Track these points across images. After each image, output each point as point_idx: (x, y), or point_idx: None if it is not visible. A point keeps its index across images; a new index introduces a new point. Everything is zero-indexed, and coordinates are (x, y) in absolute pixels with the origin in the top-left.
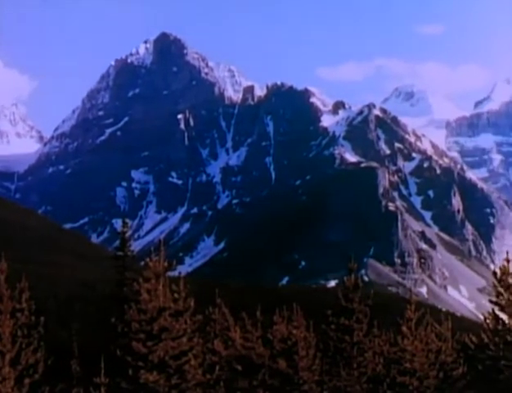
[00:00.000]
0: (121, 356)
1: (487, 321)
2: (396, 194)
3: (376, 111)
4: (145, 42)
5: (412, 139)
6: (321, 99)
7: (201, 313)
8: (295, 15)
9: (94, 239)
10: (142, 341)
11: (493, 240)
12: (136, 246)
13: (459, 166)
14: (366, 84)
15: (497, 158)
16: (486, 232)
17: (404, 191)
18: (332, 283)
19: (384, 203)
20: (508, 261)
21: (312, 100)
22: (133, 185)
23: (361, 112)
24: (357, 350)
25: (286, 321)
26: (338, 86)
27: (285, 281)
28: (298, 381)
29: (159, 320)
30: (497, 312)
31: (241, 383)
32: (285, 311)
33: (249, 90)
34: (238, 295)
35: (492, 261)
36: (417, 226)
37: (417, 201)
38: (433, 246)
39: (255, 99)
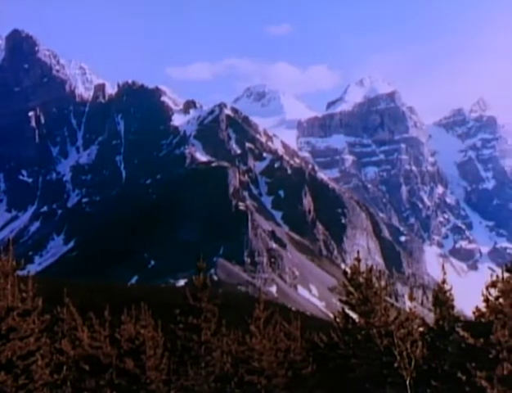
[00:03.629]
0: None
1: (337, 320)
2: (246, 194)
3: (227, 111)
4: None
5: (263, 139)
6: (172, 98)
7: (49, 312)
8: (144, 13)
9: None
10: None
11: (344, 240)
12: None
13: (310, 166)
14: (217, 84)
15: (349, 159)
16: (337, 232)
17: (254, 191)
18: (181, 282)
19: (234, 202)
20: (358, 260)
21: (163, 99)
22: None
23: (212, 112)
24: (205, 349)
25: (134, 320)
26: (188, 85)
27: (134, 280)
28: (145, 380)
29: (7, 320)
30: (347, 311)
31: (88, 383)
32: (133, 310)
33: (100, 88)
34: (87, 294)
35: (343, 261)
36: (267, 225)
37: (268, 200)
38: (283, 246)
39: (106, 97)
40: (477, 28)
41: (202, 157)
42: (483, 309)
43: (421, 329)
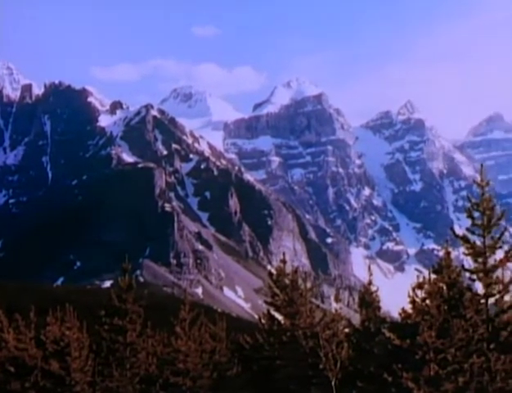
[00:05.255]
0: None
1: (263, 321)
2: (172, 195)
3: (154, 112)
4: None
5: (190, 140)
6: (99, 99)
7: None
8: (68, 12)
9: None
10: None
11: (270, 241)
12: None
13: (237, 168)
14: (143, 85)
15: (276, 160)
16: (263, 234)
17: (181, 192)
18: (107, 284)
19: (160, 204)
20: (284, 262)
21: (90, 99)
22: None
23: (138, 113)
24: (130, 351)
25: (60, 322)
26: (114, 86)
27: (60, 281)
28: (70, 382)
29: None
30: (273, 312)
31: (14, 385)
32: (58, 312)
33: (27, 88)
34: (13, 295)
35: (269, 262)
36: (193, 227)
37: (194, 202)
38: (209, 247)
39: (33, 98)
40: (404, 32)
41: (128, 158)
42: (410, 311)
43: (347, 330)
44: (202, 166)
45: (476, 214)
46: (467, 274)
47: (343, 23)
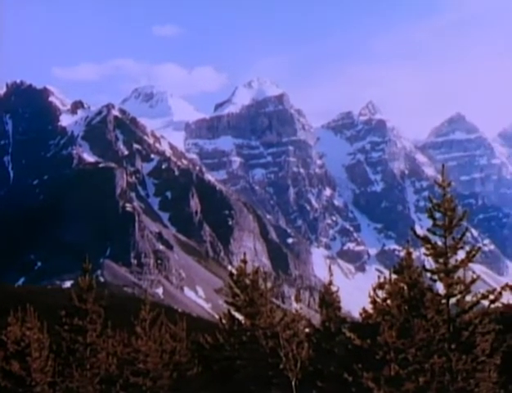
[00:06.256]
0: None
1: (223, 321)
2: (133, 195)
3: (115, 112)
4: None
5: (151, 140)
6: (60, 98)
7: None
8: (31, 13)
9: None
10: None
11: (231, 241)
12: None
13: (198, 168)
14: (104, 85)
15: (237, 160)
16: (224, 234)
17: (142, 192)
18: (68, 284)
19: (121, 204)
20: (245, 262)
21: (51, 99)
22: None
23: (99, 112)
24: (91, 351)
25: (20, 322)
26: (75, 86)
27: (21, 282)
28: (30, 382)
29: None
30: (233, 312)
31: None
32: (19, 312)
33: None
34: None
35: (230, 262)
36: (154, 227)
37: (155, 202)
38: (170, 247)
39: None
40: (366, 32)
41: (89, 158)
42: (371, 311)
43: (307, 330)
44: (163, 166)
45: (437, 215)
46: (428, 275)
47: (304, 24)
